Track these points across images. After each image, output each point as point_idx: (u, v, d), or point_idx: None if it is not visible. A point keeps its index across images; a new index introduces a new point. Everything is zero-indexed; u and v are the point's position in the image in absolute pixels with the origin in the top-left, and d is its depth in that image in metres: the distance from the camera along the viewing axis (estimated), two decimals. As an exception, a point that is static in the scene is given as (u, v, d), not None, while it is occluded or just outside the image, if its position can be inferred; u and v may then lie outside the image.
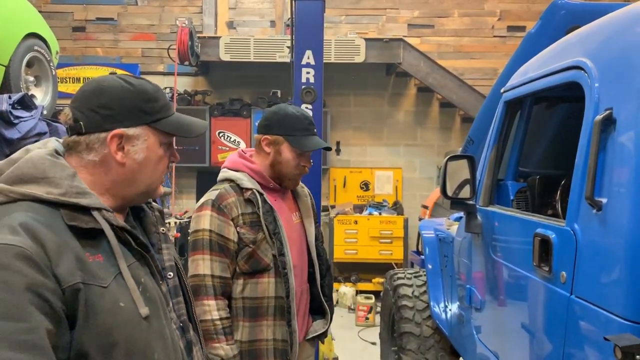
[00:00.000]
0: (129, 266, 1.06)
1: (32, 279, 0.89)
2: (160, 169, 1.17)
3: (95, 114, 1.08)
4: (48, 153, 1.06)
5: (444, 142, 7.27)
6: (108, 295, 1.00)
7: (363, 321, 5.73)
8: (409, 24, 7.20)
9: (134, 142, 1.11)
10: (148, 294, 1.09)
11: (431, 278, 3.15)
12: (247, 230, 1.88)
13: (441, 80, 6.45)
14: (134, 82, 1.13)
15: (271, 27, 7.15)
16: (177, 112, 1.20)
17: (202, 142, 6.73)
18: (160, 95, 1.16)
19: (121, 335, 1.00)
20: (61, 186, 1.02)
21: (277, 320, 1.92)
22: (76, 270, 0.96)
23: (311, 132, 2.00)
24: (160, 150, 1.16)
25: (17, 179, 1.01)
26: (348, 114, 7.27)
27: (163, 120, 1.15)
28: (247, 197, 1.91)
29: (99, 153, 1.09)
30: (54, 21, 7.07)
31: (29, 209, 0.98)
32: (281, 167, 1.98)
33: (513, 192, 2.31)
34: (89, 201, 1.03)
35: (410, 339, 3.11)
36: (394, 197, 7.19)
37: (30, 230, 0.94)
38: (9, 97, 3.16)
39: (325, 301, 2.16)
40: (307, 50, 3.05)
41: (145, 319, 1.04)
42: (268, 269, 1.90)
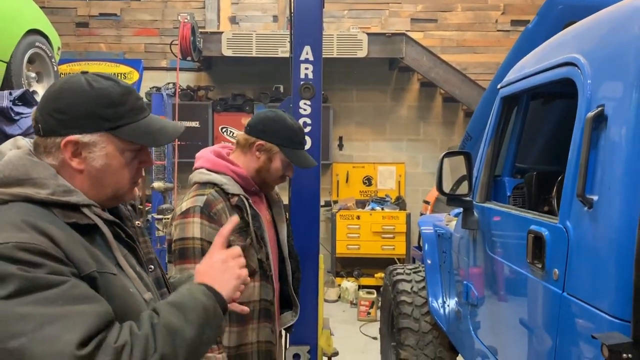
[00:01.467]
0: (123, 257, 1.08)
1: (53, 267, 0.90)
2: (124, 175, 1.11)
3: (51, 117, 1.04)
4: (26, 153, 1.04)
5: (447, 137, 7.24)
6: (118, 282, 1.03)
7: (365, 316, 5.74)
8: (412, 18, 7.17)
9: (91, 149, 1.05)
10: (144, 281, 1.12)
11: (430, 274, 3.15)
12: (236, 237, 1.80)
13: (444, 75, 6.43)
14: (97, 85, 1.06)
15: (274, 22, 7.14)
16: (151, 115, 1.13)
17: (205, 138, 6.73)
18: (127, 99, 1.08)
19: (134, 317, 1.01)
20: (48, 186, 1.01)
21: (262, 322, 1.92)
22: (89, 260, 0.98)
23: (303, 147, 2.04)
24: (122, 158, 1.09)
25: (1, 182, 1.00)
26: (350, 109, 7.26)
27: (125, 127, 1.07)
28: (234, 203, 1.86)
29: (56, 157, 1.05)
30: (57, 17, 7.09)
31: (25, 208, 0.97)
32: (268, 174, 1.97)
33: (510, 188, 2.31)
34: (77, 199, 1.03)
35: (409, 334, 3.12)
36: (397, 192, 7.18)
37: (35, 226, 0.93)
38: (10, 94, 3.18)
39: (296, 295, 2.18)
40: (305, 46, 3.03)
41: (148, 303, 1.08)
42: (254, 274, 1.86)
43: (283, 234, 2.13)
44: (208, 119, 6.75)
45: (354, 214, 6.63)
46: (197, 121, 6.73)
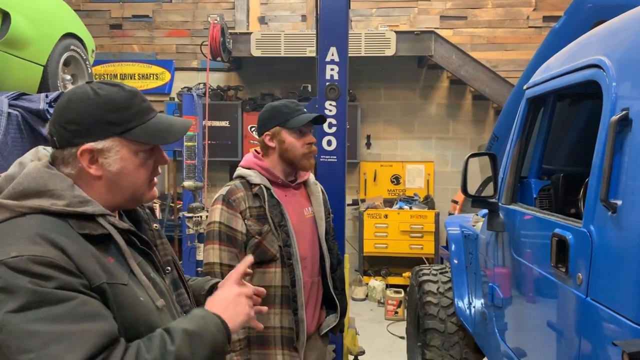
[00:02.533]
0: (138, 264, 1.11)
1: (64, 280, 0.94)
2: (141, 176, 1.14)
3: (64, 129, 1.07)
4: (44, 165, 1.08)
5: (477, 135, 7.16)
6: (129, 291, 1.05)
7: (392, 315, 5.74)
8: (442, 15, 7.10)
9: (106, 154, 1.09)
10: (158, 287, 1.15)
11: (456, 275, 3.14)
12: (253, 222, 2.00)
13: (473, 73, 6.35)
14: (102, 92, 1.09)
15: (302, 22, 7.17)
16: (159, 114, 1.16)
17: (235, 137, 6.82)
18: (133, 102, 1.11)
19: (145, 326, 1.05)
20: (64, 197, 1.04)
21: (284, 308, 2.01)
22: (100, 272, 1.01)
23: (301, 111, 2.09)
24: (137, 159, 1.13)
25: (20, 194, 1.04)
26: (378, 107, 7.24)
27: (135, 130, 1.10)
28: (254, 191, 2.04)
29: (74, 167, 1.09)
30: (92, 19, 7.29)
31: (41, 221, 1.01)
32: (289, 153, 2.08)
33: (536, 190, 2.28)
34: (93, 209, 1.07)
35: (435, 335, 3.11)
36: (425, 191, 7.14)
37: (49, 239, 0.97)
38: (46, 96, 3.29)
39: (336, 294, 2.22)
40: (331, 47, 3.06)
41: (161, 309, 1.11)
42: (275, 259, 2.00)
43: (322, 230, 2.20)
44: (237, 118, 6.84)
45: (382, 212, 6.62)
46: (226, 121, 6.82)
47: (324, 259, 2.19)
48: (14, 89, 3.21)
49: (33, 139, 3.10)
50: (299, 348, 2.04)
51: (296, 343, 2.03)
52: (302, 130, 2.09)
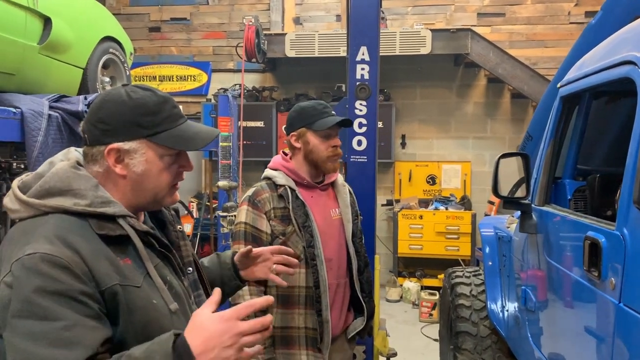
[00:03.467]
0: (155, 267, 1.13)
1: (68, 285, 0.97)
2: (163, 179, 1.17)
3: (95, 128, 1.12)
4: (71, 165, 1.12)
5: (515, 135, 6.98)
6: (142, 294, 1.07)
7: (426, 317, 5.67)
8: (479, 13, 6.96)
9: (132, 155, 1.12)
10: (174, 290, 1.16)
11: (489, 277, 3.07)
12: (277, 223, 2.03)
13: (511, 71, 6.20)
14: (135, 96, 1.13)
15: (337, 22, 7.16)
16: (188, 122, 1.19)
17: (269, 137, 6.88)
18: (163, 108, 1.15)
19: (156, 329, 1.06)
20: (87, 197, 1.08)
21: (309, 309, 2.02)
22: (112, 273, 1.03)
23: (327, 114, 2.09)
24: (161, 162, 1.15)
25: (46, 192, 1.08)
26: (413, 106, 7.16)
27: (162, 134, 1.14)
28: (279, 192, 2.06)
29: (102, 165, 1.13)
30: (132, 22, 7.48)
31: (61, 220, 1.05)
32: (313, 155, 2.09)
33: (571, 191, 2.22)
34: (114, 210, 1.09)
35: (467, 338, 3.06)
36: (462, 191, 7.01)
37: (65, 240, 1.01)
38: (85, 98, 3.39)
39: (363, 297, 2.20)
40: (362, 46, 3.04)
41: (174, 313, 1.12)
42: (299, 259, 1.98)
43: (348, 232, 2.19)
44: (272, 118, 6.89)
45: (417, 213, 6.55)
46: (261, 121, 6.88)
47: (351, 261, 2.18)
48: (55, 91, 3.32)
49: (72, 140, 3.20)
50: (323, 349, 2.04)
51: (320, 344, 2.03)
52: (328, 133, 2.08)
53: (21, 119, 2.79)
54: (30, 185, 1.10)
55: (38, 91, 3.27)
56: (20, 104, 2.84)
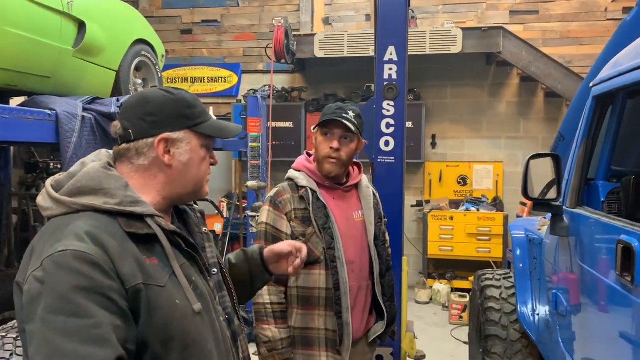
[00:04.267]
0: (181, 266, 1.15)
1: (98, 282, 0.99)
2: (203, 169, 1.26)
3: (143, 121, 1.18)
4: (102, 166, 1.15)
5: (549, 134, 6.82)
6: (165, 294, 1.09)
7: (456, 320, 5.60)
8: (511, 10, 6.84)
9: (179, 145, 1.20)
10: (199, 290, 1.18)
11: (519, 280, 3.01)
12: (298, 224, 2.04)
13: (545, 69, 6.07)
14: (174, 92, 1.23)
15: (366, 21, 7.13)
16: (214, 118, 1.30)
17: (298, 137, 6.91)
18: (198, 103, 1.26)
19: (177, 329, 1.09)
20: (117, 196, 1.11)
21: (329, 311, 2.01)
22: (137, 272, 1.05)
23: (336, 115, 2.06)
24: (202, 151, 1.24)
25: (77, 191, 1.11)
26: (444, 106, 7.08)
27: (203, 124, 1.24)
28: (300, 194, 2.07)
29: (147, 157, 1.18)
30: (164, 25, 7.61)
31: (91, 218, 1.08)
32: (316, 153, 2.12)
33: (604, 193, 2.15)
34: (142, 209, 1.12)
35: (496, 342, 3.00)
36: (494, 192, 6.90)
37: (94, 237, 1.03)
38: (117, 100, 3.47)
39: (384, 301, 2.18)
40: (389, 46, 3.02)
41: (198, 313, 1.13)
42: (319, 261, 2.01)
43: (371, 235, 2.17)
44: (301, 119, 6.91)
45: (447, 214, 6.47)
46: (290, 122, 6.92)
47: (374, 264, 2.16)
48: (89, 93, 3.40)
49: (105, 140, 3.27)
50: (343, 352, 2.02)
51: (340, 346, 2.02)
52: (328, 132, 2.08)
53: (56, 120, 2.87)
54: (62, 184, 1.14)
55: (72, 93, 3.36)
56: (55, 106, 2.92)
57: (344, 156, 2.08)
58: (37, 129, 2.75)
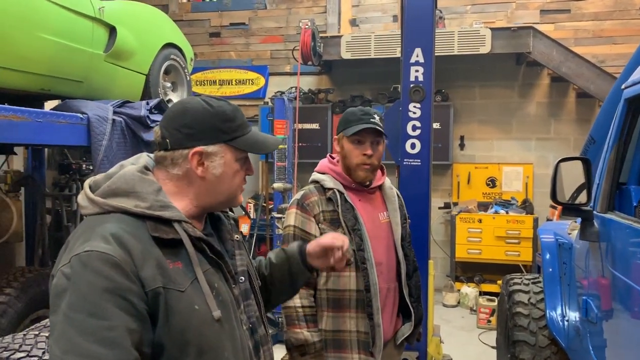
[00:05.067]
0: (205, 272, 1.16)
1: (118, 284, 1.02)
2: (236, 181, 1.26)
3: (179, 132, 1.19)
4: (138, 169, 1.19)
5: (581, 136, 6.67)
6: (185, 298, 1.10)
7: (484, 324, 5.52)
8: (542, 10, 6.71)
9: (213, 158, 1.21)
10: (221, 297, 1.18)
11: (548, 285, 2.95)
12: (327, 226, 2.03)
13: (577, 69, 5.94)
14: (214, 104, 1.23)
15: (393, 22, 7.10)
16: (254, 130, 1.29)
17: (324, 139, 6.91)
18: (237, 115, 1.25)
19: (194, 334, 1.10)
20: (147, 200, 1.14)
21: (360, 313, 2.00)
22: (157, 276, 1.07)
23: (364, 121, 2.05)
24: (236, 165, 1.25)
25: (111, 192, 1.15)
26: (473, 106, 6.99)
27: (239, 139, 1.24)
28: (328, 196, 2.06)
29: (182, 168, 1.20)
30: (193, 28, 7.72)
31: (119, 220, 1.11)
32: (346, 160, 2.10)
33: (637, 198, 2.10)
34: (170, 214, 1.15)
35: (524, 348, 2.95)
36: (524, 194, 6.78)
37: (119, 239, 1.06)
38: (147, 103, 3.53)
39: (412, 302, 2.17)
40: (416, 48, 3.00)
41: (217, 321, 1.14)
42: (349, 263, 1.96)
43: (397, 236, 2.17)
44: (327, 121, 6.92)
45: (476, 217, 6.39)
46: (316, 123, 6.93)
47: (400, 265, 2.16)
48: (120, 97, 3.48)
49: (135, 143, 3.34)
50: (376, 353, 2.02)
51: (372, 348, 2.01)
52: (359, 139, 2.06)
53: (88, 124, 2.94)
54: (99, 184, 1.18)
55: (103, 97, 3.44)
56: (87, 109, 3.00)
57: (376, 161, 2.11)
58: (70, 132, 2.82)
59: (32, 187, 4.68)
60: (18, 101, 2.73)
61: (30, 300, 3.15)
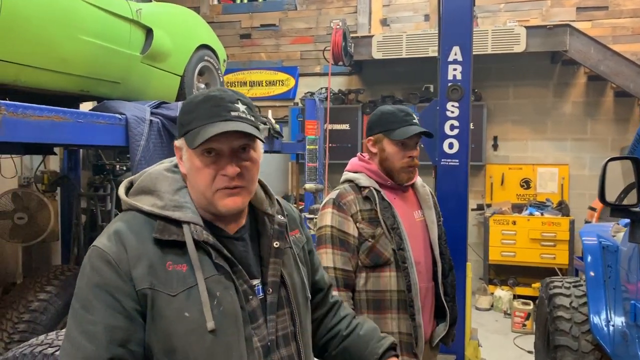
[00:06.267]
0: (208, 279, 1.08)
1: (108, 280, 1.05)
2: (201, 179, 1.12)
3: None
4: (166, 168, 1.19)
5: (619, 136, 6.50)
6: (174, 303, 1.06)
7: (519, 328, 5.41)
8: (578, 7, 6.55)
9: (182, 153, 1.17)
10: (222, 308, 1.08)
11: (592, 289, 2.86)
12: (365, 226, 1.96)
13: (615, 67, 5.77)
14: (199, 94, 1.15)
15: (425, 22, 7.03)
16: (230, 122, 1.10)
17: (354, 140, 6.89)
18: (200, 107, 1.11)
19: (180, 342, 1.05)
20: (163, 199, 1.14)
21: (401, 313, 1.96)
22: (147, 276, 1.06)
23: (408, 122, 2.00)
24: (197, 161, 1.12)
25: (140, 190, 1.17)
26: (506, 106, 6.87)
27: (188, 133, 1.11)
28: (364, 194, 2.00)
29: None
30: (224, 30, 7.77)
31: (131, 217, 1.13)
32: (388, 162, 2.04)
33: (691, 198, 2.01)
34: (180, 215, 1.11)
35: (567, 353, 2.87)
36: (559, 196, 6.62)
37: (120, 237, 1.08)
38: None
39: (447, 302, 2.12)
40: (454, 46, 2.96)
41: (210, 332, 1.06)
42: (389, 262, 1.95)
43: (434, 234, 2.13)
44: (357, 121, 6.89)
45: (510, 219, 6.26)
46: (347, 124, 6.91)
47: (437, 264, 2.11)
48: (155, 98, 3.51)
49: (172, 144, 3.36)
50: (419, 354, 1.98)
51: (415, 349, 1.97)
52: (406, 143, 2.02)
53: (126, 124, 2.97)
54: (134, 182, 1.21)
55: (140, 98, 3.47)
56: (125, 110, 3.03)
57: (417, 162, 2.07)
58: (109, 132, 2.85)
59: (68, 187, 4.77)
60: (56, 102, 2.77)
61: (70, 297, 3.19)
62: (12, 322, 2.89)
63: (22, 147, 3.73)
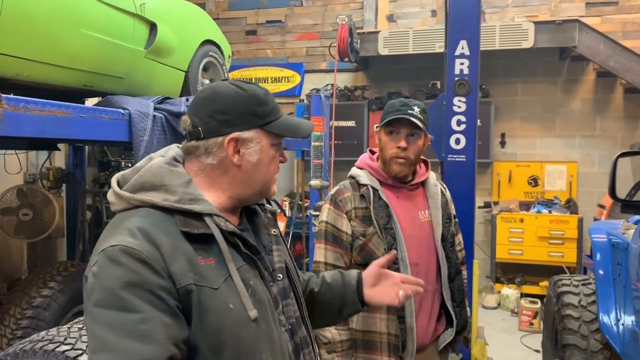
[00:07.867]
0: (239, 269, 1.08)
1: (145, 278, 0.96)
2: (272, 168, 1.20)
3: (212, 119, 1.12)
4: (166, 162, 1.12)
5: (628, 133, 6.43)
6: (218, 296, 1.03)
7: (527, 326, 5.35)
8: (587, 2, 6.47)
9: (249, 144, 1.14)
10: (257, 296, 1.10)
11: (601, 287, 2.82)
12: (358, 224, 1.95)
13: (625, 63, 5.70)
14: (246, 87, 1.15)
15: (432, 17, 6.97)
16: (285, 115, 1.22)
17: (360, 136, 6.84)
18: (269, 99, 1.18)
19: (230, 335, 1.03)
20: (176, 193, 1.07)
21: (391, 314, 1.92)
22: (188, 272, 1.00)
23: (401, 112, 1.95)
24: (272, 151, 1.18)
25: (140, 186, 1.09)
26: (514, 103, 6.80)
27: (273, 123, 1.17)
28: (361, 192, 1.99)
29: (216, 156, 1.13)
30: (230, 26, 7.74)
31: (147, 214, 1.05)
32: (382, 153, 2.03)
33: None
34: (201, 207, 1.08)
35: (575, 352, 2.83)
36: (567, 194, 6.56)
37: (147, 234, 1.00)
38: (187, 100, 3.53)
39: (454, 307, 2.06)
40: (461, 40, 2.91)
41: (253, 321, 1.06)
42: None
43: (437, 236, 2.06)
44: (363, 118, 6.85)
45: (517, 216, 6.21)
46: (352, 121, 6.86)
47: (441, 267, 2.04)
48: (159, 93, 3.49)
49: (175, 139, 3.34)
50: (406, 357, 1.92)
51: (402, 352, 1.92)
52: (392, 131, 1.98)
53: (129, 119, 2.95)
54: (128, 179, 1.13)
55: (143, 93, 3.45)
56: (128, 105, 3.01)
57: (412, 155, 1.99)
58: (112, 127, 2.83)
59: (73, 184, 4.77)
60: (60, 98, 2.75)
61: (73, 294, 3.20)
62: (15, 318, 2.88)
63: (25, 142, 3.72)
